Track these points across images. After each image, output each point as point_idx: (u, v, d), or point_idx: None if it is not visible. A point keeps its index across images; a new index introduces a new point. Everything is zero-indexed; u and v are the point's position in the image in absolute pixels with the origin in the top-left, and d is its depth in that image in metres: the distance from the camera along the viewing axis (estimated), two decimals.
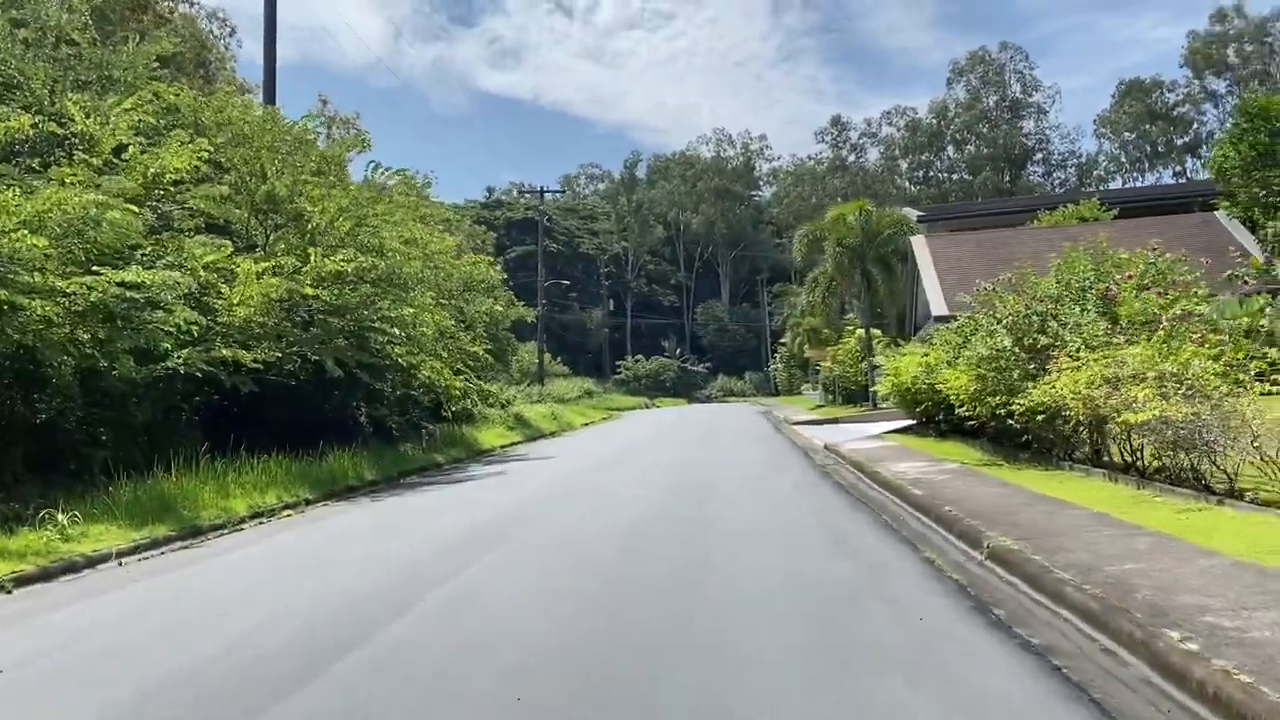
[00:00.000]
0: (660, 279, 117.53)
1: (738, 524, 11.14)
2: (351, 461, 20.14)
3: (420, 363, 22.62)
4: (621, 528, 11.03)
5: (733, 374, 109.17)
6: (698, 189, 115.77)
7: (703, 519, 11.51)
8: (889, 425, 28.13)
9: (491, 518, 12.82)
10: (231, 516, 14.36)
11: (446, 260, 25.36)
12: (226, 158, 19.82)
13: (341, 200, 20.13)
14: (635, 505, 13.09)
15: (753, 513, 12.14)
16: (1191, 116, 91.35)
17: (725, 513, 12.12)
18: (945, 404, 20.35)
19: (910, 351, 23.21)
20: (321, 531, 12.70)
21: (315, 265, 18.25)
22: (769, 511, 12.29)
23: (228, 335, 17.67)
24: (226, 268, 18.44)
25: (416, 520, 13.22)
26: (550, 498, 14.91)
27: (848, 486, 14.83)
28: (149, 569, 10.53)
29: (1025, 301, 15.26)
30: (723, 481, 15.85)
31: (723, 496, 13.94)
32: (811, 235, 38.23)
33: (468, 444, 28.58)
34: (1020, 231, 31.11)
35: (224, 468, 16.50)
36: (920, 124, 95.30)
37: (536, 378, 60.46)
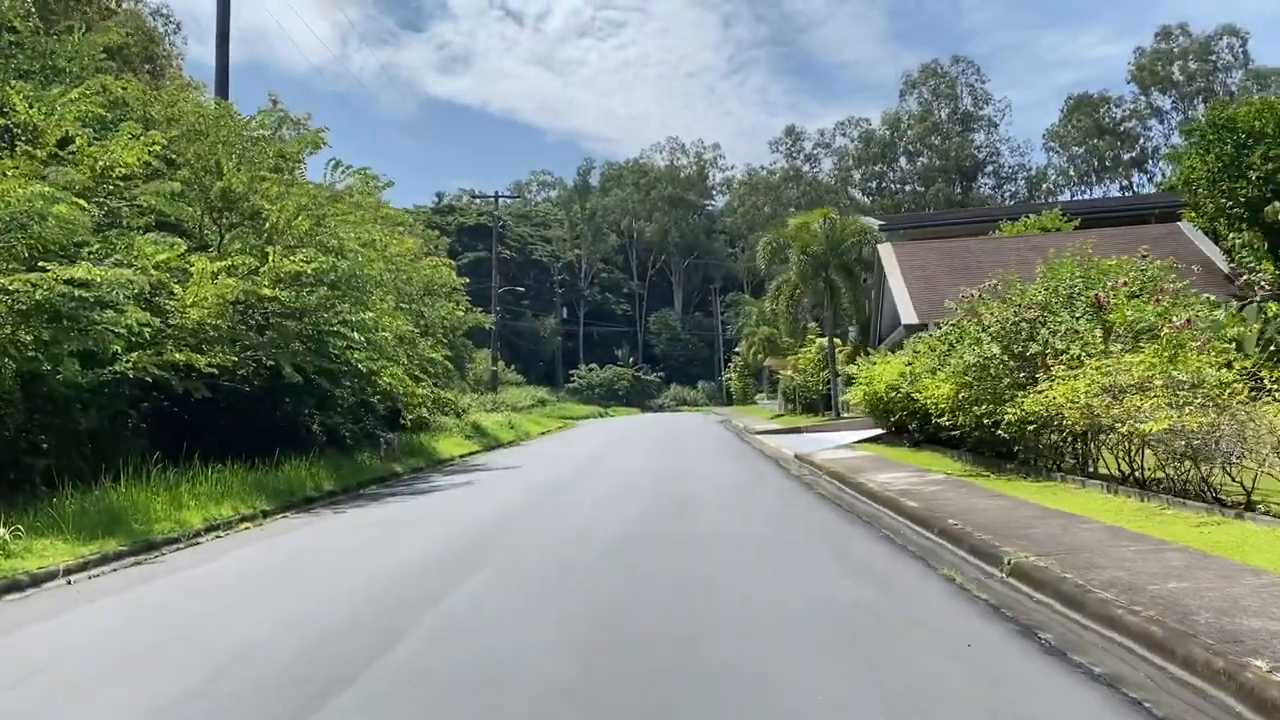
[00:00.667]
0: (613, 287, 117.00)
1: (731, 539, 10.57)
2: (309, 471, 19.28)
3: (380, 369, 21.79)
4: (610, 545, 10.41)
5: (685, 383, 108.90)
6: (651, 197, 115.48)
7: (692, 535, 10.93)
8: (856, 434, 27.79)
9: (467, 533, 12.12)
10: (186, 529, 13.49)
11: (406, 263, 24.56)
12: (179, 153, 18.90)
13: (300, 198, 19.28)
14: (618, 520, 12.47)
15: (743, 527, 11.59)
16: (1138, 132, 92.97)
17: (715, 527, 11.55)
18: (921, 413, 20.03)
19: (884, 360, 22.87)
20: (285, 546, 11.91)
21: (274, 265, 17.39)
22: (760, 526, 11.75)
23: (180, 338, 16.77)
24: (179, 267, 17.54)
25: (386, 535, 12.47)
26: (525, 512, 14.22)
27: (832, 498, 14.35)
28: (101, 587, 9.70)
29: (1013, 309, 14.91)
30: (701, 494, 15.29)
31: (706, 510, 13.38)
32: (775, 243, 37.91)
33: (426, 453, 27.74)
34: (985, 240, 31.02)
35: (176, 478, 15.61)
36: (874, 135, 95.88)
37: (490, 386, 59.54)
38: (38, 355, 13.97)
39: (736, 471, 19.76)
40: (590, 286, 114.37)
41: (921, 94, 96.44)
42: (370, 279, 19.94)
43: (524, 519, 13.16)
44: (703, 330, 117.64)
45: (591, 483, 18.28)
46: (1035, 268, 27.80)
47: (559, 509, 14.10)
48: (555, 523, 12.48)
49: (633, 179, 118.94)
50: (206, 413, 20.61)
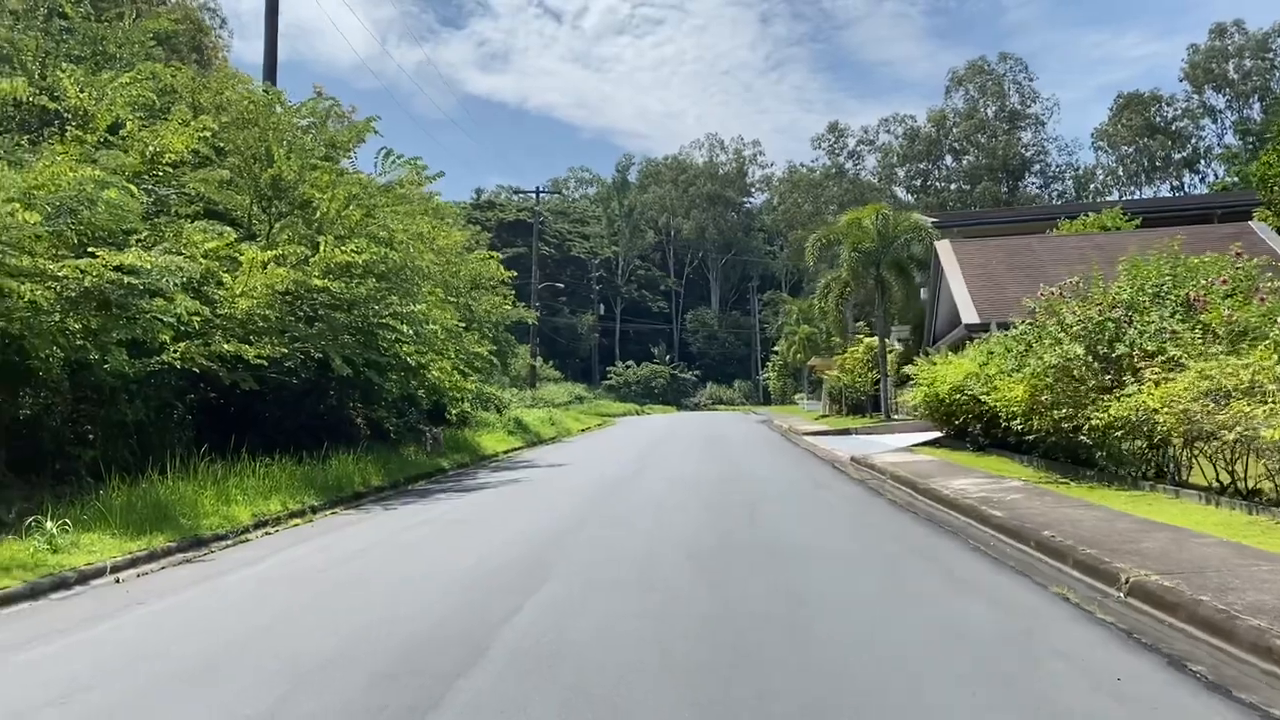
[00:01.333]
0: (650, 284, 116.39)
1: (816, 551, 9.94)
2: (356, 466, 18.86)
3: (429, 362, 21.33)
4: (686, 556, 9.81)
5: (721, 382, 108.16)
6: (689, 194, 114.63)
7: (773, 545, 10.30)
8: (912, 437, 27.03)
9: (528, 536, 11.56)
10: (235, 525, 13.08)
11: (455, 255, 24.10)
12: (228, 140, 18.53)
13: (351, 188, 18.86)
14: (686, 526, 11.87)
15: (824, 538, 10.95)
16: (1190, 131, 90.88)
17: (794, 537, 10.92)
18: (987, 416, 19.29)
19: (946, 360, 22.11)
20: (339, 547, 11.41)
21: (325, 255, 16.95)
22: (843, 537, 11.10)
23: (228, 328, 16.40)
24: (228, 256, 17.18)
25: (443, 536, 11.94)
26: (584, 513, 13.65)
27: (905, 506, 13.67)
28: (151, 588, 9.24)
29: (1096, 307, 14.15)
30: (767, 498, 14.65)
31: (777, 517, 12.75)
32: (825, 239, 37.14)
33: (471, 449, 27.31)
34: (1046, 239, 30.10)
35: (223, 471, 15.23)
36: (919, 132, 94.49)
37: (529, 382, 59.18)
38: (85, 344, 13.62)
39: (795, 475, 19.11)
40: (627, 283, 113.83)
41: (968, 91, 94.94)
42: (420, 271, 19.48)
43: (585, 522, 12.57)
44: (739, 329, 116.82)
45: (647, 483, 17.70)
46: (1098, 267, 27.02)
47: (620, 511, 13.52)
48: (619, 527, 11.89)
49: (671, 176, 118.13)
50: (252, 405, 20.30)
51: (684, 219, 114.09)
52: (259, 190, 18.59)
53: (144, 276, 13.05)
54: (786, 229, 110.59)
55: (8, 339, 12.91)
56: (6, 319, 12.33)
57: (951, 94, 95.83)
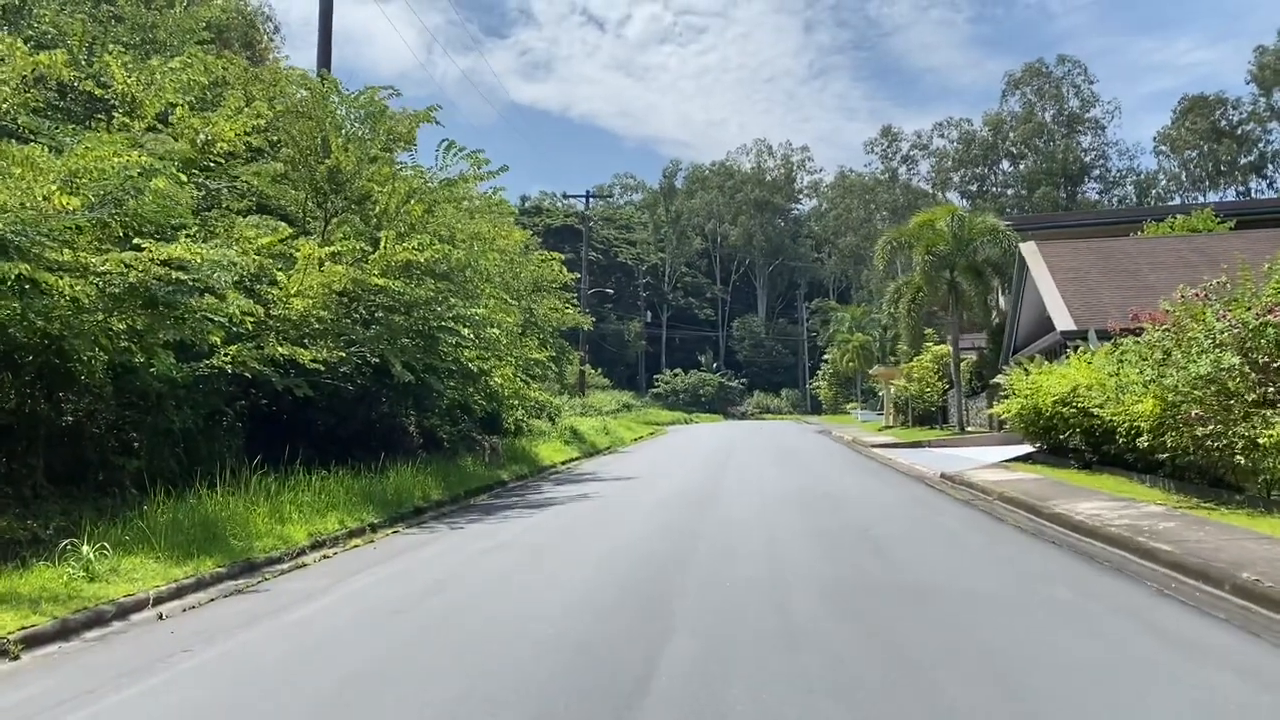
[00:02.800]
0: (696, 291, 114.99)
1: (969, 594, 8.46)
2: (415, 478, 17.62)
3: (491, 368, 20.07)
4: (815, 590, 8.42)
5: (769, 390, 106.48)
6: (736, 200, 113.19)
7: (911, 583, 8.84)
8: (997, 452, 25.36)
9: (625, 565, 10.19)
10: (290, 547, 11.85)
11: (517, 256, 22.86)
12: (283, 132, 17.40)
13: (413, 181, 17.66)
14: (800, 556, 10.45)
15: (965, 573, 9.47)
16: (1258, 135, 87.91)
17: (926, 571, 9.46)
18: (1099, 431, 17.68)
19: (1045, 370, 20.47)
20: (410, 576, 10.09)
21: (385, 252, 15.73)
22: (985, 571, 9.62)
23: (281, 330, 15.24)
24: (282, 253, 16.02)
25: (525, 564, 10.57)
26: (676, 538, 12.21)
27: (1033, 532, 12.14)
28: (198, 627, 7.97)
29: (1253, 311, 12.53)
30: (874, 523, 13.14)
31: (895, 543, 11.29)
32: (895, 242, 35.49)
33: (529, 460, 26.02)
34: (1140, 241, 28.27)
35: (275, 485, 14.03)
36: (975, 136, 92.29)
37: (578, 389, 57.95)
38: (130, 345, 12.46)
39: (887, 493, 17.59)
40: (674, 290, 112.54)
41: (1024, 94, 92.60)
42: (484, 271, 18.23)
43: (685, 550, 11.15)
44: (787, 336, 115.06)
45: (733, 502, 16.25)
46: (1202, 270, 25.20)
47: (715, 537, 12.09)
48: (727, 559, 10.41)
49: (718, 182, 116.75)
50: (304, 412, 19.18)
51: (731, 225, 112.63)
52: (315, 184, 17.43)
53: (193, 272, 11.86)
54: (835, 235, 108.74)
55: (47, 339, 11.79)
56: (45, 318, 11.18)
57: (1008, 97, 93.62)
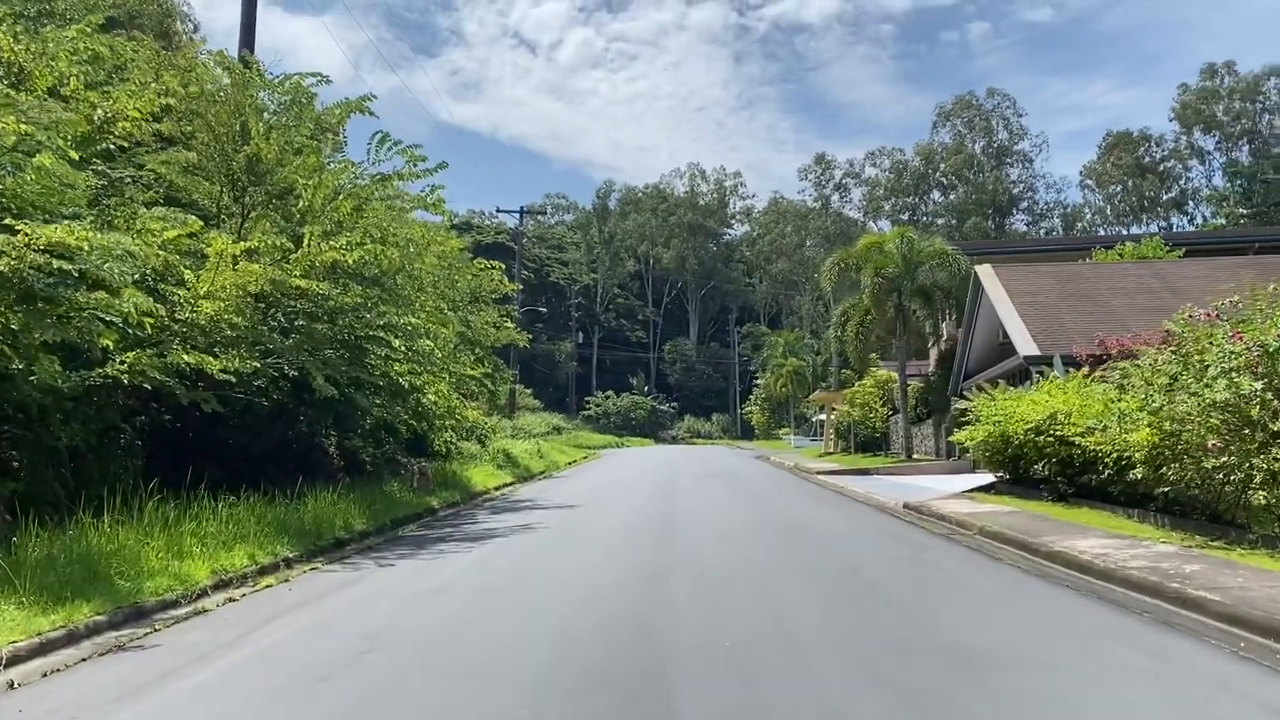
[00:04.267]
0: (628, 314, 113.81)
1: (1001, 648, 7.13)
2: (334, 506, 15.81)
3: (424, 384, 18.34)
4: (841, 652, 6.97)
5: (699, 415, 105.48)
6: (670, 223, 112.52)
7: (944, 644, 7.42)
8: (954, 481, 24.32)
9: (594, 617, 8.61)
10: (189, 587, 10.03)
11: (456, 262, 21.15)
12: (197, 115, 15.56)
13: (342, 175, 15.95)
14: (796, 604, 9.01)
15: (992, 627, 8.11)
16: (1178, 172, 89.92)
17: (950, 623, 8.10)
18: (1079, 461, 16.62)
19: (1011, 396, 19.41)
20: (335, 629, 8.37)
21: (309, 251, 13.99)
22: (1017, 626, 8.26)
23: (188, 336, 13.41)
24: (192, 250, 14.21)
25: (474, 615, 8.89)
26: (642, 579, 10.70)
27: (1037, 574, 10.88)
28: (55, 703, 6.21)
29: (1275, 333, 11.48)
30: (862, 563, 11.74)
31: (895, 587, 9.94)
32: (842, 264, 34.50)
33: (460, 485, 24.22)
34: (1098, 266, 27.61)
35: (176, 513, 12.16)
36: (906, 165, 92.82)
37: (508, 410, 56.03)
38: (4, 349, 10.59)
39: (859, 526, 16.30)
40: (606, 311, 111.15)
41: (955, 126, 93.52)
42: (419, 277, 16.57)
43: (657, 596, 9.60)
44: (718, 361, 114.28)
45: (695, 535, 14.76)
46: (1163, 296, 24.55)
47: (692, 580, 10.57)
48: (715, 610, 8.85)
49: (651, 204, 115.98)
50: (213, 430, 17.30)
51: (664, 248, 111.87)
52: (231, 175, 15.61)
53: (80, 261, 10.03)
54: (766, 261, 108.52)
55: None
56: None
57: (939, 128, 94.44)
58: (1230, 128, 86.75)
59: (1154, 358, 13.21)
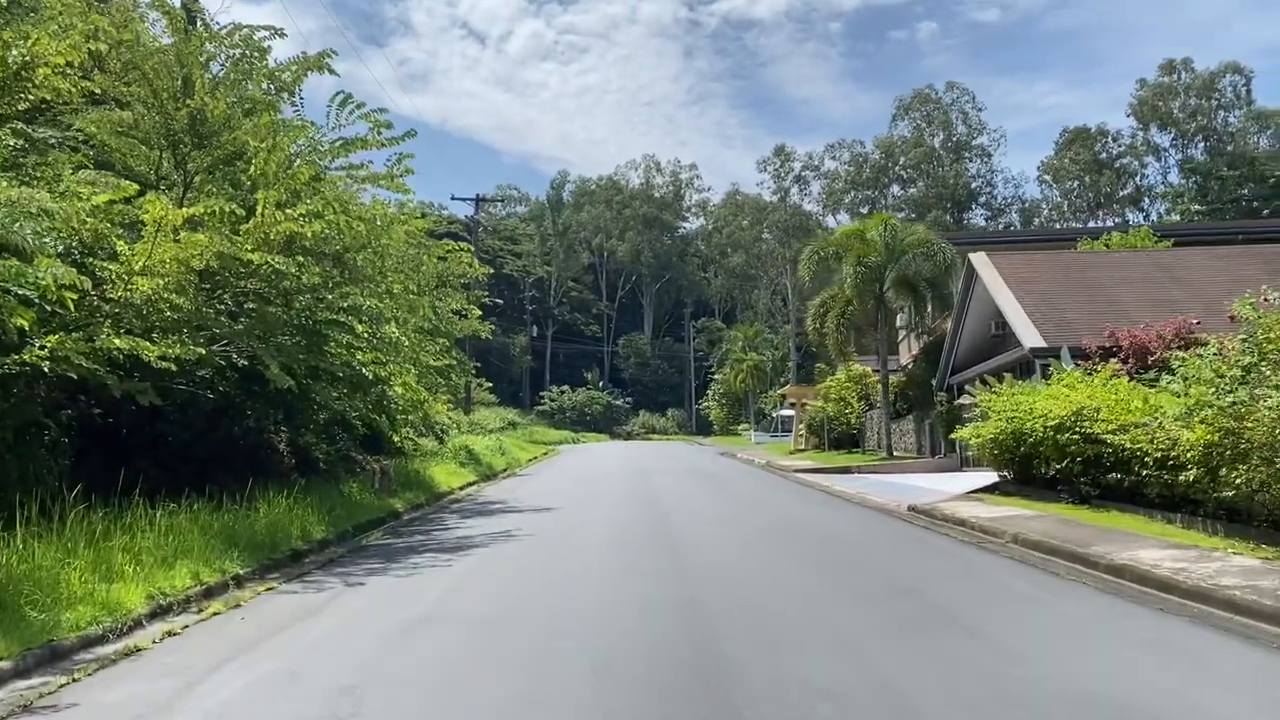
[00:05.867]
0: (583, 307, 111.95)
1: (1139, 698, 5.67)
2: (290, 512, 14.00)
3: (389, 375, 16.56)
4: (941, 696, 5.49)
5: (654, 410, 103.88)
6: (624, 215, 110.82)
7: (1078, 695, 5.95)
8: (947, 479, 23.03)
9: (618, 649, 7.02)
10: (120, 617, 8.27)
11: (424, 239, 19.33)
12: (134, 64, 13.66)
13: (299, 137, 14.15)
14: (864, 640, 7.48)
15: (1129, 674, 6.63)
16: (1135, 168, 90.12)
17: (1067, 667, 6.60)
18: (1109, 460, 15.33)
19: (1024, 390, 18.10)
20: (303, 678, 6.64)
21: (263, 220, 12.17)
22: (1164, 673, 6.79)
23: (120, 317, 11.57)
24: (127, 220, 12.35)
25: (476, 659, 7.23)
26: (663, 599, 9.11)
27: (1111, 590, 9.48)
28: None
29: None
30: (913, 580, 10.30)
31: (968, 610, 8.48)
32: (821, 252, 33.09)
33: (424, 485, 22.46)
34: (1098, 255, 26.46)
35: (106, 523, 10.34)
36: (866, 158, 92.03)
37: (464, 405, 54.07)
38: None
39: (875, 534, 14.88)
40: (560, 305, 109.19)
41: (914, 119, 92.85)
42: (387, 254, 14.82)
43: (689, 625, 8.01)
44: (672, 356, 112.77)
45: (698, 544, 13.21)
46: (1168, 286, 23.48)
47: (723, 602, 8.99)
48: (770, 648, 7.26)
49: (605, 196, 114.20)
50: (151, 426, 15.48)
51: (619, 241, 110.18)
52: (172, 136, 13.71)
53: None
54: (721, 255, 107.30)
55: None
56: None
57: (898, 121, 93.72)
58: (1186, 125, 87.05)
59: (1219, 347, 11.87)
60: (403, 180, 16.41)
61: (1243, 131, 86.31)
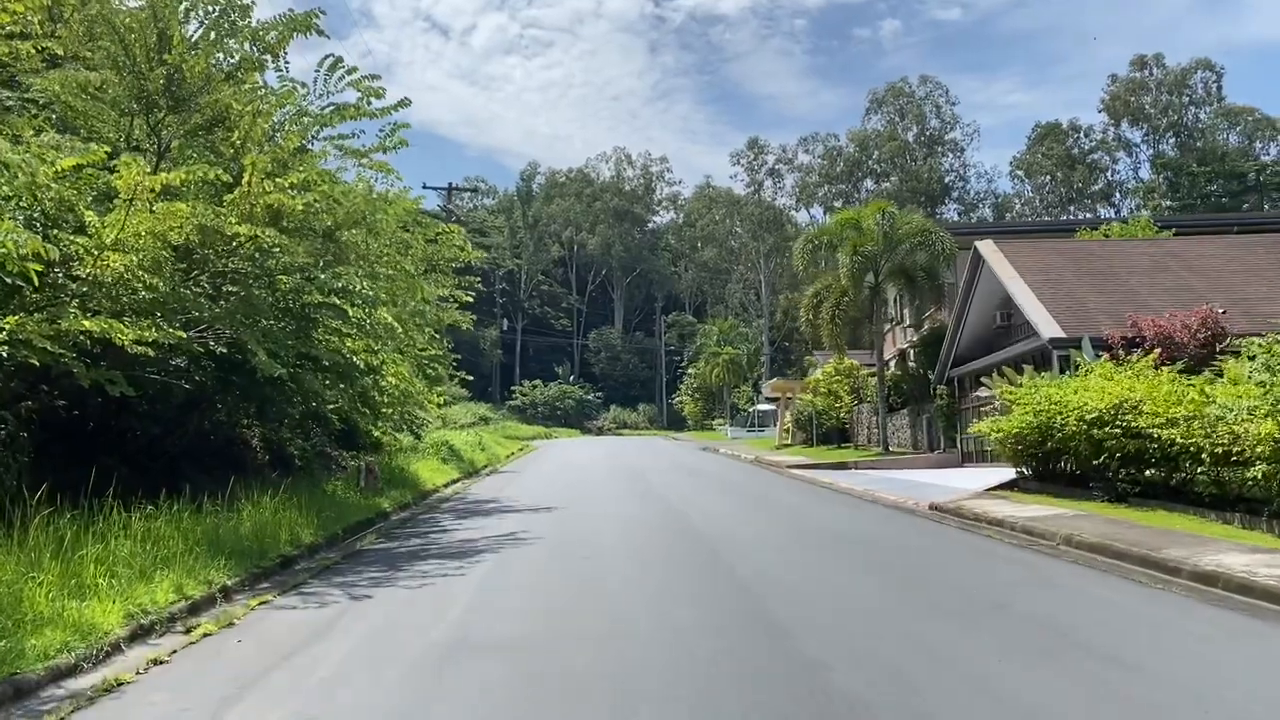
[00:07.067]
0: (553, 301, 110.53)
1: None
2: (277, 513, 12.74)
3: (381, 364, 15.32)
4: None
5: (625, 405, 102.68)
6: (595, 208, 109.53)
7: None
8: (953, 475, 22.15)
9: (696, 691, 5.92)
10: (95, 642, 7.06)
11: (419, 217, 18.08)
12: (103, 17, 12.33)
13: (287, 100, 12.88)
14: (981, 660, 6.44)
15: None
16: (1106, 163, 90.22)
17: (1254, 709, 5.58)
18: (1154, 457, 14.42)
19: (1057, 383, 17.20)
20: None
21: (250, 189, 10.91)
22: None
23: (89, 297, 10.30)
24: (96, 188, 11.07)
25: (526, 694, 6.13)
26: (734, 622, 8.02)
27: (1214, 602, 8.50)
28: None
29: None
30: (989, 590, 9.29)
31: (1077, 631, 7.44)
32: (815, 241, 32.07)
33: (409, 482, 21.23)
34: (1107, 244, 25.67)
35: (75, 529, 9.07)
36: (840, 152, 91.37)
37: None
38: None
39: (912, 536, 13.88)
40: (530, 298, 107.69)
41: (887, 113, 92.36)
42: (382, 232, 13.59)
43: (784, 657, 6.93)
44: (643, 350, 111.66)
45: (728, 545, 12.12)
46: (1181, 275, 22.70)
47: (812, 631, 7.92)
48: (893, 684, 6.24)
49: (576, 189, 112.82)
50: (119, 419, 14.21)
51: (589, 234, 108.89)
52: (145, 99, 12.37)
53: None
54: (692, 250, 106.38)
55: None
56: None
57: (871, 115, 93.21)
58: (1158, 120, 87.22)
59: None
60: (395, 151, 15.16)
61: (1212, 128, 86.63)
